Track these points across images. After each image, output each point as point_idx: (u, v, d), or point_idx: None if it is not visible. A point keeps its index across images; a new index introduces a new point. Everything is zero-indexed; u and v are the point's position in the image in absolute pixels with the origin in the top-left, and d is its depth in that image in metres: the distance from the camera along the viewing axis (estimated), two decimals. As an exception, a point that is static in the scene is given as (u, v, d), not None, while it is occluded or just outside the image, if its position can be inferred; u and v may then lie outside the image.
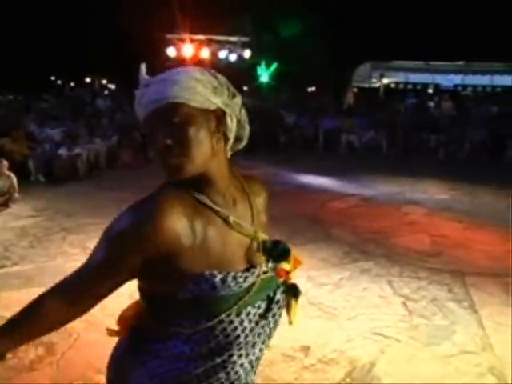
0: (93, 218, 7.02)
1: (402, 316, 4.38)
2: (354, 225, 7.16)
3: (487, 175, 11.05)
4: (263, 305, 1.40)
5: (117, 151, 12.13)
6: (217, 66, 20.69)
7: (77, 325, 3.96)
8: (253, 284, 1.35)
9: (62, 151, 10.54)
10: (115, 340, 1.58)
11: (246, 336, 1.35)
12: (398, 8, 24.21)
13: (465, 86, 28.27)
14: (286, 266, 1.45)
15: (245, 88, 25.53)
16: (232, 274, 1.30)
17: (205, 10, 19.27)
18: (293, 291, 1.48)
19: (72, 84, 32.04)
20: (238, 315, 1.31)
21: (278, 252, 1.42)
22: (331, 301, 4.61)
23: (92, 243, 1.32)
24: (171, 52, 18.48)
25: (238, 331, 1.32)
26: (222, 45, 19.85)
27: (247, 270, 1.36)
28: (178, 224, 1.23)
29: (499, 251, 6.18)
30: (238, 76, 24.53)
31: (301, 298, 1.52)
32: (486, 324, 4.26)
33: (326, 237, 6.53)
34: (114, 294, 1.34)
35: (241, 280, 1.32)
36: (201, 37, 18.84)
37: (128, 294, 1.81)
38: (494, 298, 4.82)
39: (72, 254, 5.72)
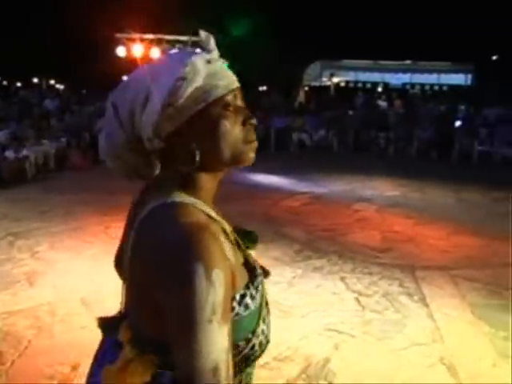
0: (42, 222, 6.85)
1: (355, 312, 4.44)
2: (305, 223, 7.22)
3: (435, 172, 11.36)
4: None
5: (66, 153, 11.89)
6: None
7: (27, 332, 3.87)
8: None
9: (9, 154, 10.26)
10: (68, 346, 1.52)
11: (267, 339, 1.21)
12: (347, 8, 24.57)
13: (413, 85, 28.84)
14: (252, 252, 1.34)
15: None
16: (254, 283, 1.17)
17: (154, 8, 19.13)
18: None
19: (19, 85, 31.23)
20: (263, 321, 1.17)
21: (253, 238, 1.34)
22: (285, 299, 4.64)
23: (41, 248, 1.23)
24: (121, 51, 18.23)
25: (262, 338, 1.18)
26: (172, 44, 19.68)
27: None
28: (222, 249, 1.04)
29: (447, 245, 6.35)
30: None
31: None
32: (436, 316, 4.36)
33: (278, 235, 6.56)
34: (64, 298, 1.29)
35: (260, 287, 1.20)
36: (151, 36, 18.65)
37: (78, 298, 1.77)
38: (443, 290, 4.94)
39: (20, 260, 5.56)
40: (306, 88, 27.61)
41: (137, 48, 17.89)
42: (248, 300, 1.12)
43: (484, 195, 9.36)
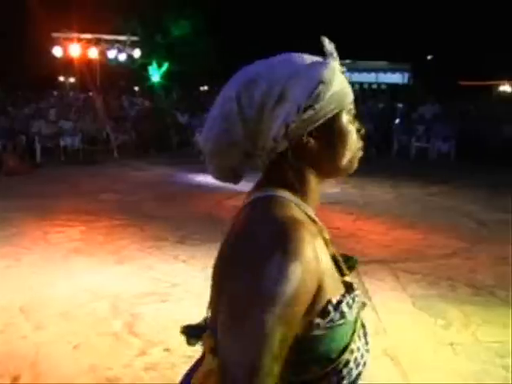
0: (-24, 230, 6.61)
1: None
2: (249, 222, 7.22)
3: (375, 168, 11.57)
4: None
5: (1, 157, 11.52)
6: (106, 66, 20.18)
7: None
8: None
9: None
10: (8, 357, 1.48)
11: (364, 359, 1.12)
12: (286, 7, 24.79)
13: (352, 84, 29.31)
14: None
15: (136, 88, 25.13)
16: (350, 294, 1.09)
17: (92, 7, 18.75)
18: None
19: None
20: (359, 339, 1.09)
21: (352, 263, 1.26)
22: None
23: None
24: (57, 52, 17.81)
25: (362, 356, 1.09)
26: (110, 44, 19.35)
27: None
28: (315, 248, 1.00)
29: (387, 240, 6.51)
30: (128, 76, 24.17)
31: (198, 298, 1.49)
32: (379, 309, 4.45)
33: (221, 235, 6.54)
34: (2, 307, 1.24)
35: (357, 299, 1.11)
36: (88, 36, 18.28)
37: (17, 307, 1.72)
38: (385, 283, 5.06)
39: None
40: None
41: (74, 48, 17.52)
42: (344, 308, 1.04)
43: (421, 190, 9.64)
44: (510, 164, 11.87)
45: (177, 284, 4.93)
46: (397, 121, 15.43)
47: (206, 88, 27.08)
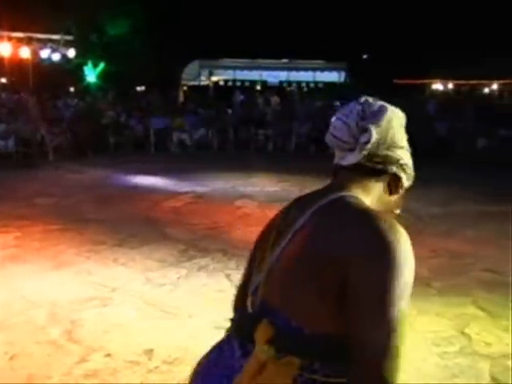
0: None
1: (241, 307, 4.50)
2: (189, 222, 7.21)
3: (314, 166, 11.71)
4: None
5: None
6: (39, 66, 19.63)
7: None
8: None
9: None
10: None
11: None
12: (224, 7, 24.77)
13: (290, 82, 29.69)
14: None
15: (71, 89, 24.52)
16: None
17: (24, 4, 18.16)
18: None
19: None
20: None
21: None
22: (171, 300, 4.61)
23: None
24: (-14, 51, 17.21)
25: None
26: (43, 43, 18.84)
27: None
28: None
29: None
30: (63, 77, 23.56)
31: (139, 301, 1.49)
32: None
33: (161, 237, 6.50)
34: None
35: None
36: (20, 34, 17.73)
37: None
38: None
39: None
40: (185, 88, 27.54)
41: (4, 47, 16.97)
42: None
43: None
44: (442, 160, 12.30)
45: (117, 288, 4.85)
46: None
47: (143, 88, 26.70)
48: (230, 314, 1.51)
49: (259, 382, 1.14)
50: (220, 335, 4.17)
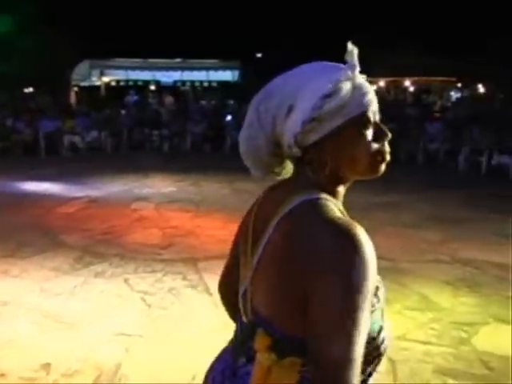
0: None
1: (142, 312, 4.44)
2: (83, 228, 6.98)
3: (209, 164, 11.80)
4: None
5: None
6: None
7: None
8: None
9: None
10: None
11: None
12: (114, 5, 24.26)
13: (184, 82, 29.51)
14: None
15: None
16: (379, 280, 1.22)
17: None
18: None
19: None
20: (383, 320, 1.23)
21: None
22: (68, 310, 4.45)
23: None
24: None
25: (385, 335, 1.22)
26: None
27: None
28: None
29: (225, 234, 6.62)
30: None
31: (34, 313, 1.42)
32: (220, 303, 4.53)
33: (55, 245, 6.25)
34: None
35: (382, 283, 1.24)
36: None
37: None
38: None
39: None
40: (76, 88, 26.65)
41: None
42: (379, 292, 1.18)
43: (255, 183, 9.92)
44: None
45: (8, 302, 4.61)
46: (229, 117, 15.79)
47: (31, 90, 25.53)
48: (132, 319, 1.49)
49: None
50: (121, 342, 4.10)
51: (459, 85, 25.91)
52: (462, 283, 5.15)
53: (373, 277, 1.07)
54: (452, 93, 21.91)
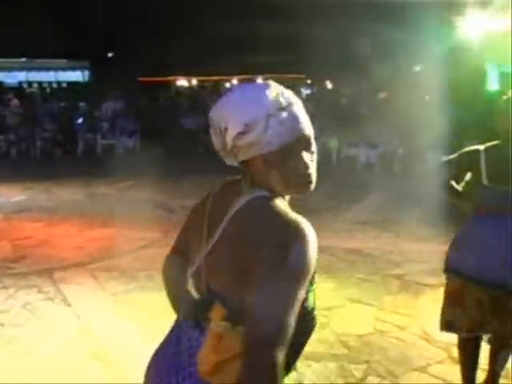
0: None
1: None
2: None
3: (61, 169, 11.27)
4: None
5: None
6: None
7: None
8: None
9: None
10: None
11: None
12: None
13: (30, 83, 28.01)
14: None
15: None
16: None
17: None
18: None
19: None
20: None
21: None
22: None
23: None
24: None
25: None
26: None
27: None
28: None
29: (81, 241, 6.42)
30: None
31: None
32: (81, 314, 4.36)
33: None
34: None
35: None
36: None
37: None
38: (83, 286, 5.00)
39: None
40: None
41: None
42: (315, 277, 1.39)
43: (112, 186, 9.68)
44: (188, 153, 12.75)
45: None
46: (80, 120, 15.24)
47: None
48: None
49: (221, 352, 1.31)
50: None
51: (309, 81, 27.03)
52: (321, 270, 5.37)
53: (311, 265, 1.27)
54: (302, 89, 22.82)
